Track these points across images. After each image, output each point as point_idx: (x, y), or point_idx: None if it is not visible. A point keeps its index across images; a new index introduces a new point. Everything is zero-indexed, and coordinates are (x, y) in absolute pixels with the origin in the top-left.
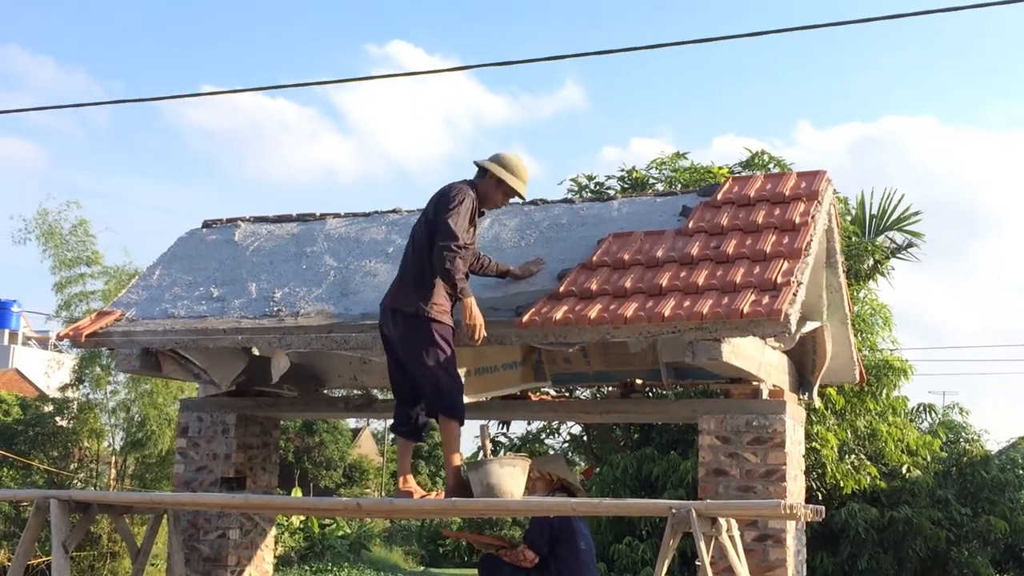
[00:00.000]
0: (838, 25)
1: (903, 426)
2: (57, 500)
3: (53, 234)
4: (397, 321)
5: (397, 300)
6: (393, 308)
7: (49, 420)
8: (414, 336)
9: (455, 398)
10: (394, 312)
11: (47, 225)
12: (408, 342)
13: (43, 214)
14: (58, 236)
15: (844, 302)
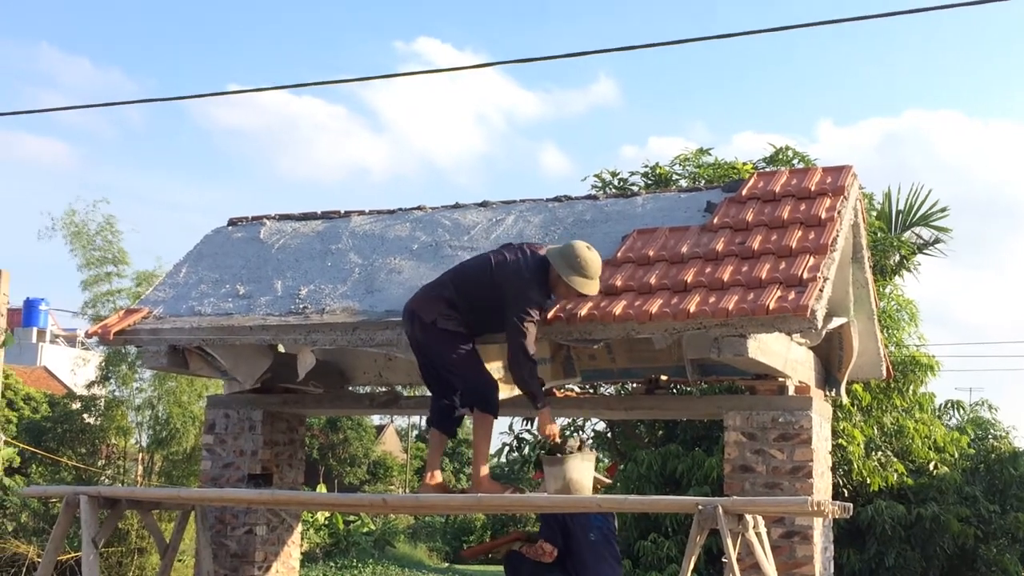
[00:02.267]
0: (850, 21)
1: (930, 422)
2: (86, 496)
3: (80, 233)
4: (415, 325)
5: (418, 306)
6: (413, 312)
7: (77, 417)
8: (433, 341)
9: (487, 392)
10: (413, 315)
11: (74, 224)
12: (430, 345)
13: (71, 213)
14: (85, 235)
15: (871, 298)
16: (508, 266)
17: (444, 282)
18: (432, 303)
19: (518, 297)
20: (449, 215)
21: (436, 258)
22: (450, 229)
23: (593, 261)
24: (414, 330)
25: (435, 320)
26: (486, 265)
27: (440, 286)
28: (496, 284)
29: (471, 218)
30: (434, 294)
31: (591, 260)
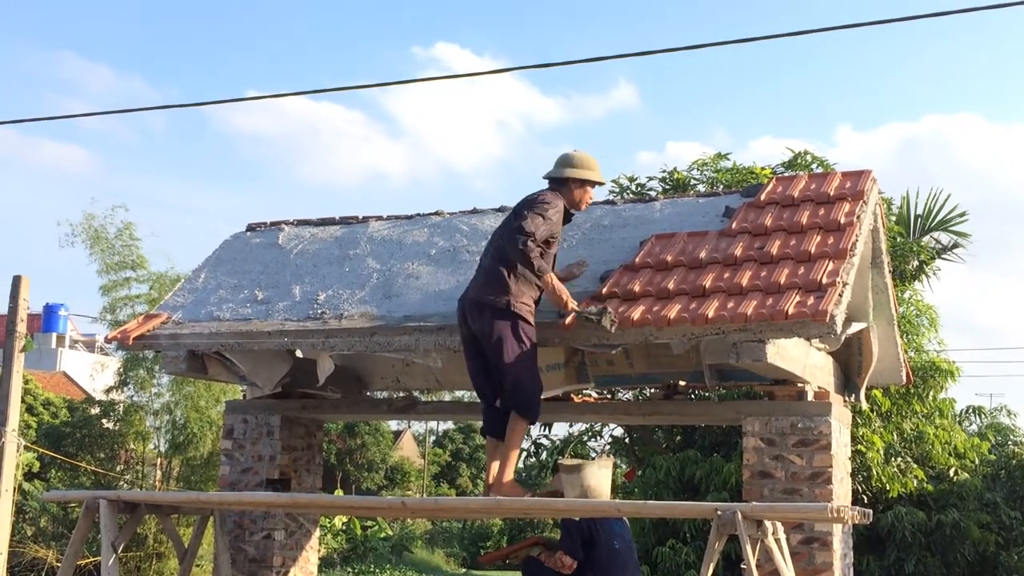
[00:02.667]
0: (868, 25)
1: (950, 428)
2: (106, 501)
3: (100, 238)
4: (484, 314)
5: (484, 293)
6: (480, 301)
7: (96, 422)
8: (500, 329)
9: (531, 397)
10: (481, 306)
11: (93, 229)
12: (494, 335)
13: (89, 218)
14: (104, 240)
15: (890, 303)
16: (524, 198)
17: (485, 257)
18: (491, 283)
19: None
20: (467, 220)
21: (454, 263)
22: (468, 234)
23: (583, 153)
24: (478, 320)
25: (509, 302)
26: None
27: (485, 263)
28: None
29: (489, 223)
30: (483, 271)
31: (581, 154)
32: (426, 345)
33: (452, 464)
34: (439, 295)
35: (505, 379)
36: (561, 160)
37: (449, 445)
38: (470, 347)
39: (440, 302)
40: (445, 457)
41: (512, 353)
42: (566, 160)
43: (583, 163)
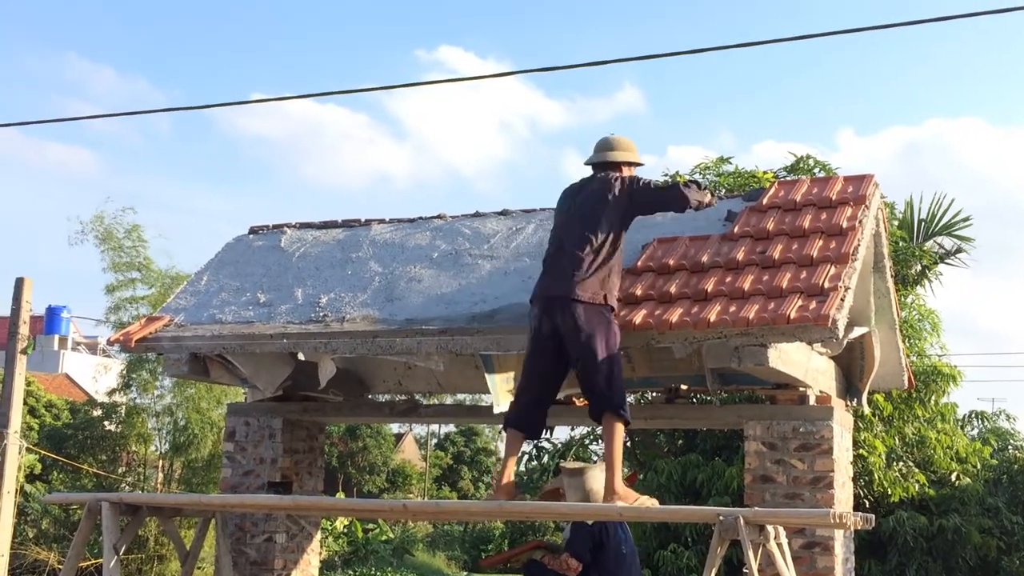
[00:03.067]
0: (870, 30)
1: (952, 433)
2: (108, 503)
3: (110, 237)
4: (575, 310)
5: (574, 289)
6: (570, 297)
7: (98, 424)
8: (596, 325)
9: (623, 396)
10: (571, 301)
11: (104, 228)
12: (588, 331)
13: (99, 217)
14: (114, 239)
15: (892, 307)
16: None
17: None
18: (579, 278)
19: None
20: (469, 224)
21: (456, 267)
22: (470, 238)
23: (623, 137)
24: (567, 316)
25: (605, 296)
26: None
27: (565, 258)
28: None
29: (491, 227)
30: (564, 266)
31: (622, 138)
32: (428, 348)
33: (453, 467)
34: (441, 298)
35: (597, 379)
36: (604, 144)
37: (451, 448)
38: (543, 343)
39: (442, 305)
40: (447, 460)
41: (606, 351)
42: (609, 144)
43: (626, 146)
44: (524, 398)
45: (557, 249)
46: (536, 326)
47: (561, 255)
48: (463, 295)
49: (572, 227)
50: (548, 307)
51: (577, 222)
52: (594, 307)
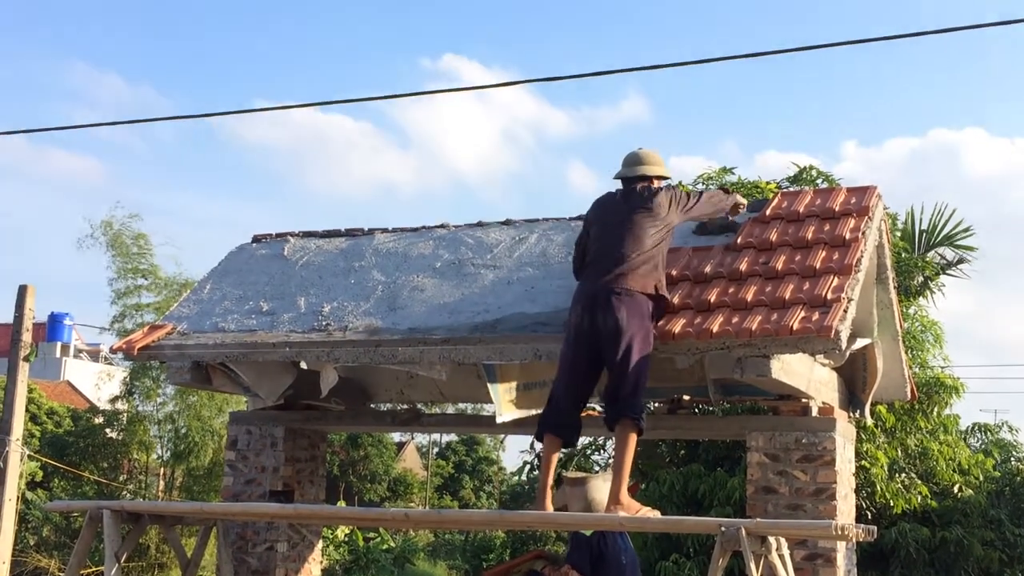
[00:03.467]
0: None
1: (955, 444)
2: (110, 511)
3: (118, 242)
4: (619, 303)
5: (625, 281)
6: (620, 290)
7: (99, 432)
8: (637, 329)
9: (643, 406)
10: (618, 295)
11: (112, 233)
12: (630, 333)
13: (108, 223)
14: (123, 245)
15: (895, 319)
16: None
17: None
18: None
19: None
20: (472, 233)
21: (459, 276)
22: (473, 247)
23: (650, 151)
24: (612, 310)
25: (657, 285)
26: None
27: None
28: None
29: (494, 236)
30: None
31: (649, 152)
32: (430, 357)
33: (455, 476)
34: (444, 307)
35: (625, 383)
36: (634, 159)
37: (452, 457)
38: (583, 343)
39: (445, 314)
40: (448, 469)
41: (640, 356)
42: (640, 159)
43: (656, 160)
44: (563, 402)
45: (598, 256)
46: (577, 323)
47: (603, 260)
48: (466, 304)
49: (614, 236)
50: (591, 304)
51: (621, 231)
52: (637, 305)
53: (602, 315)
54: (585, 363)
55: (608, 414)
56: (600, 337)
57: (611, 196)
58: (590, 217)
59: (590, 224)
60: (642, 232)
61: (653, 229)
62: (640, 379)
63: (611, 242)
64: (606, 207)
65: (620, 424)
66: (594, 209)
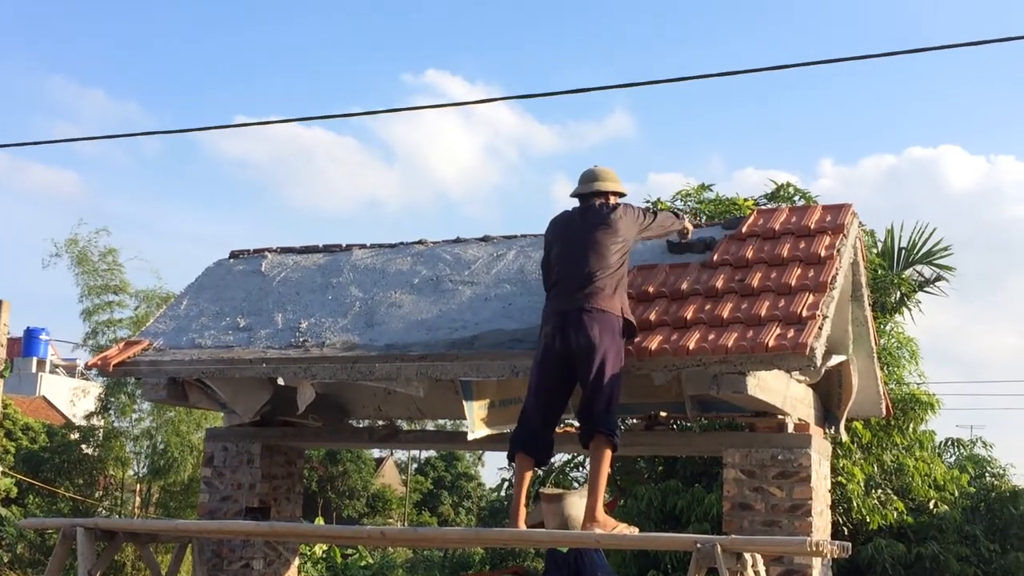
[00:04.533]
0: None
1: (930, 460)
2: (83, 528)
3: (84, 260)
4: (590, 326)
5: (588, 300)
6: (590, 308)
7: (75, 448)
8: (609, 345)
9: (618, 423)
10: (589, 313)
11: (78, 251)
12: (603, 350)
13: (74, 241)
14: (88, 263)
15: (870, 336)
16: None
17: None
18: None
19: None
20: (450, 249)
21: (436, 292)
22: (451, 263)
23: (606, 168)
24: (583, 329)
25: (622, 308)
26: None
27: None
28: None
29: (472, 252)
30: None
31: (605, 168)
32: (408, 374)
33: (434, 492)
34: (421, 324)
35: (599, 400)
36: (590, 175)
37: (431, 473)
38: (555, 362)
39: (422, 331)
40: (427, 485)
41: (613, 373)
42: (595, 175)
43: (612, 176)
44: (533, 421)
45: (564, 274)
46: (548, 344)
47: (570, 278)
48: (443, 321)
49: (578, 253)
50: (562, 323)
51: (584, 248)
52: (608, 322)
53: (574, 333)
54: (556, 382)
55: (582, 431)
56: (573, 355)
57: (568, 214)
58: (549, 237)
59: (551, 244)
60: (605, 249)
61: (615, 246)
62: (613, 396)
63: (575, 261)
64: (566, 225)
65: (594, 441)
66: (552, 229)
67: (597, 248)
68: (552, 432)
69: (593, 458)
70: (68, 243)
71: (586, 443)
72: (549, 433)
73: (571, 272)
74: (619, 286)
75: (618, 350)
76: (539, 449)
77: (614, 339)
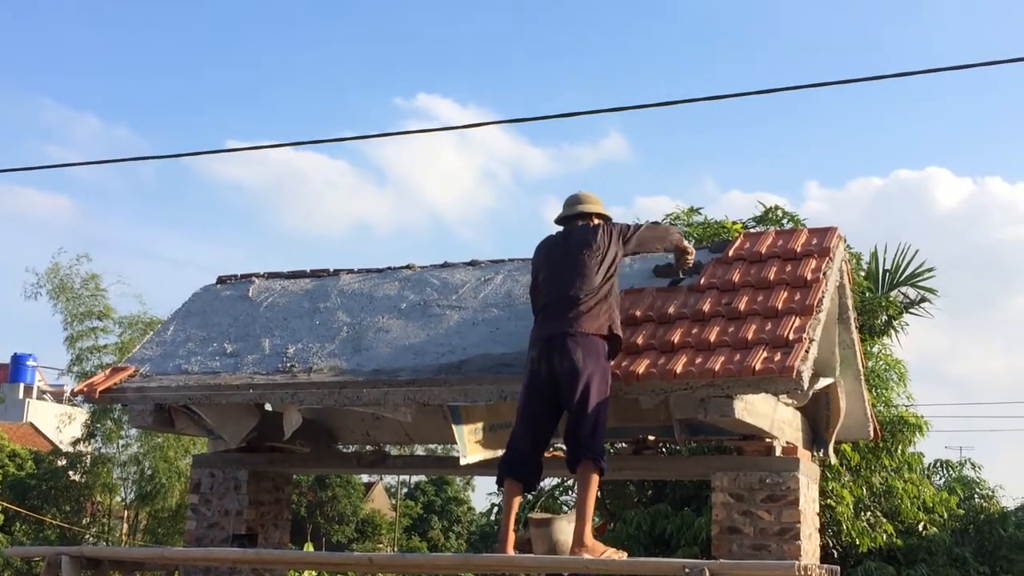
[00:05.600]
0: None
1: (919, 482)
2: (68, 556)
3: (64, 288)
4: (574, 351)
5: (574, 324)
6: (568, 332)
7: (62, 474)
8: (594, 370)
9: (604, 447)
10: (570, 337)
11: (58, 279)
12: (587, 374)
13: (55, 269)
14: (69, 290)
15: (857, 358)
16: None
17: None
18: (580, 316)
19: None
20: (437, 274)
21: (424, 317)
22: (438, 288)
23: (590, 193)
24: (567, 353)
25: (611, 325)
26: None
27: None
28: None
29: (459, 277)
30: (562, 309)
31: (589, 193)
32: (395, 399)
33: (424, 516)
34: (409, 349)
35: (584, 425)
36: (574, 200)
37: (421, 497)
38: (540, 387)
39: (410, 356)
40: (417, 510)
41: (599, 398)
42: (579, 199)
43: (595, 200)
44: (521, 445)
45: (550, 298)
46: (534, 368)
47: (557, 301)
48: (431, 345)
49: (563, 276)
50: (547, 348)
51: (568, 270)
52: (592, 346)
53: (559, 358)
54: (542, 407)
55: (569, 456)
56: (558, 380)
57: (552, 238)
58: (536, 262)
59: (537, 268)
60: (589, 271)
61: (600, 266)
62: (599, 420)
63: (561, 284)
64: (550, 249)
65: (581, 466)
66: (538, 254)
67: (581, 270)
68: (541, 456)
69: (580, 483)
70: (49, 271)
71: (573, 468)
72: (538, 457)
73: (556, 296)
74: (608, 306)
75: (603, 374)
76: (528, 474)
77: (598, 363)
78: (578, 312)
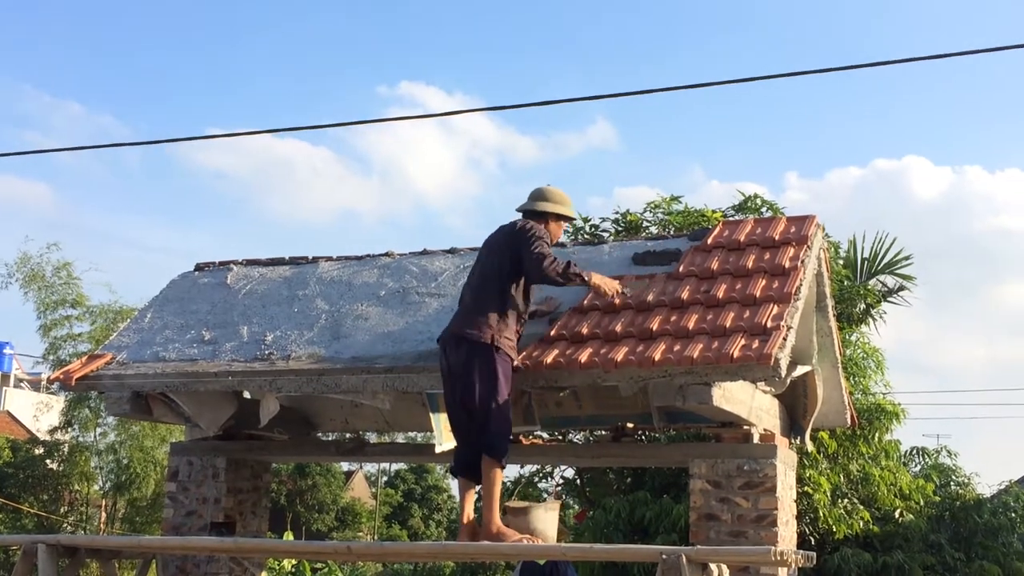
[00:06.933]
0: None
1: (896, 470)
2: (44, 545)
3: (35, 277)
4: (462, 348)
5: (465, 327)
6: (459, 335)
7: (40, 463)
8: (478, 364)
9: (501, 439)
10: (459, 339)
11: (28, 269)
12: (471, 370)
13: (24, 258)
14: (40, 279)
15: (835, 346)
16: (505, 231)
17: (468, 290)
18: (472, 317)
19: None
20: (416, 261)
21: (403, 304)
22: (417, 276)
23: (557, 189)
24: (457, 354)
25: (493, 336)
26: (491, 250)
27: (469, 297)
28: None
29: (439, 264)
30: (466, 306)
31: (556, 189)
32: (374, 387)
33: (404, 505)
34: (388, 336)
35: (476, 417)
36: (537, 195)
37: (401, 486)
38: (448, 383)
39: (389, 343)
40: (397, 498)
41: (486, 390)
42: (542, 195)
43: (559, 198)
44: (459, 441)
45: (461, 294)
46: (440, 365)
47: (461, 299)
48: (410, 333)
49: (476, 274)
50: (444, 346)
51: (479, 269)
52: (480, 346)
53: (452, 356)
54: (453, 404)
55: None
56: (455, 377)
57: (500, 229)
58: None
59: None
60: (494, 272)
61: (502, 269)
62: (491, 417)
63: (469, 281)
64: (488, 241)
65: (484, 460)
66: (484, 243)
67: (487, 272)
68: (471, 449)
69: (484, 476)
70: (19, 261)
71: (477, 462)
72: (468, 451)
73: (464, 293)
74: (504, 312)
75: (491, 370)
76: (470, 468)
77: (485, 364)
78: (470, 313)
